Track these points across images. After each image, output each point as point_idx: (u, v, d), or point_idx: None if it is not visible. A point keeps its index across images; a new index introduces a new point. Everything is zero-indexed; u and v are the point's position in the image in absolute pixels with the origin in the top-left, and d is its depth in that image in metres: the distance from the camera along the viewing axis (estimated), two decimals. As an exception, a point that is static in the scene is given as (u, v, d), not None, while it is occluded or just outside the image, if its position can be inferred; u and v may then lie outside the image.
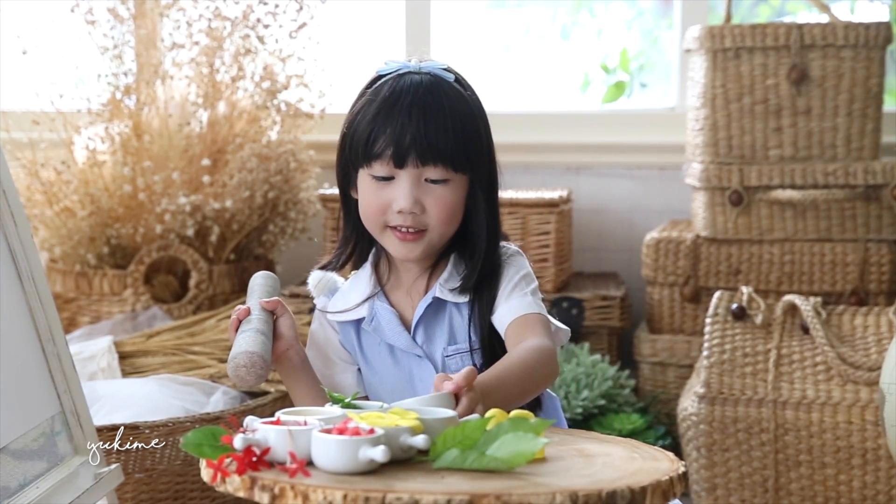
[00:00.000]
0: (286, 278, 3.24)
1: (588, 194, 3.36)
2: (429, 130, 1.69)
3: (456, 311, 1.78)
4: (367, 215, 1.75)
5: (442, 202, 1.72)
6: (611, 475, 1.35)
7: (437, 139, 1.70)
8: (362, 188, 1.75)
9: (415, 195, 1.71)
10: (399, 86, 1.73)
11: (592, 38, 3.60)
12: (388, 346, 1.78)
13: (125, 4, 2.96)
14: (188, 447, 1.37)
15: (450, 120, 1.71)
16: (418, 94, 1.71)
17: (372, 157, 1.70)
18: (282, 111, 3.05)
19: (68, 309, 2.97)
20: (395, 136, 1.69)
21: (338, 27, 3.37)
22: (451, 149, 1.70)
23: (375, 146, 1.70)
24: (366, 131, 1.71)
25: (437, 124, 1.70)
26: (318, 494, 1.26)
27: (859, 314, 2.62)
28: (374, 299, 1.79)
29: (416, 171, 1.71)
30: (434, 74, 1.75)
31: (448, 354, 1.76)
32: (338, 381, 1.80)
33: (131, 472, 2.26)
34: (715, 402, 2.54)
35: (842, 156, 2.90)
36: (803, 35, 2.87)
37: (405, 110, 1.70)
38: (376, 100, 1.72)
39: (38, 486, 1.72)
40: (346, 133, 1.75)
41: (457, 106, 1.73)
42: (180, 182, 2.90)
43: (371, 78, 1.78)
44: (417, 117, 1.69)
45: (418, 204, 1.71)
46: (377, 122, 1.70)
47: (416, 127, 1.69)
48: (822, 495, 2.51)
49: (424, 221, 1.73)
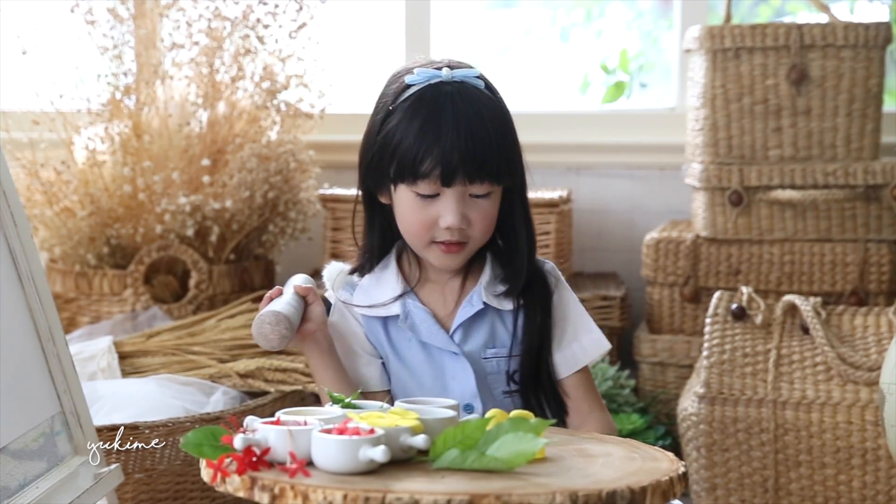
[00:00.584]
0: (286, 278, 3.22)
1: (588, 194, 3.36)
2: (476, 148, 1.69)
3: (497, 316, 1.80)
4: (412, 232, 1.75)
5: (485, 215, 1.74)
6: (611, 475, 1.35)
7: (484, 156, 1.70)
8: (404, 204, 1.74)
9: (462, 212, 1.72)
10: (439, 101, 1.71)
11: (592, 39, 3.60)
12: (419, 342, 1.78)
13: (125, 4, 2.96)
14: (188, 447, 1.37)
15: (492, 133, 1.71)
16: (460, 110, 1.70)
17: (418, 176, 1.69)
18: (282, 111, 3.05)
19: (68, 309, 2.97)
20: (442, 156, 1.68)
21: (338, 27, 3.37)
22: (496, 163, 1.71)
23: (423, 166, 1.69)
24: (411, 151, 1.69)
25: (482, 140, 1.70)
26: (318, 494, 1.26)
27: (859, 314, 2.62)
28: (405, 297, 1.79)
29: (463, 189, 1.71)
30: (467, 83, 1.74)
31: (486, 357, 1.78)
32: (363, 372, 1.80)
33: (131, 472, 2.26)
34: (715, 402, 2.54)
35: (842, 156, 2.90)
36: (803, 35, 2.87)
37: (451, 128, 1.68)
38: (417, 115, 1.70)
39: (38, 486, 1.72)
40: (383, 145, 1.73)
41: (494, 117, 1.73)
42: (180, 182, 2.90)
43: (398, 85, 1.75)
44: (465, 136, 1.68)
45: (465, 219, 1.72)
46: (423, 141, 1.69)
47: (463, 145, 1.68)
48: (821, 495, 2.51)
49: (468, 234, 1.74)
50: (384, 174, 1.74)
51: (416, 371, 1.78)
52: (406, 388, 1.79)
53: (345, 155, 3.34)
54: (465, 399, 1.75)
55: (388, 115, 1.74)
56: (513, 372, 1.79)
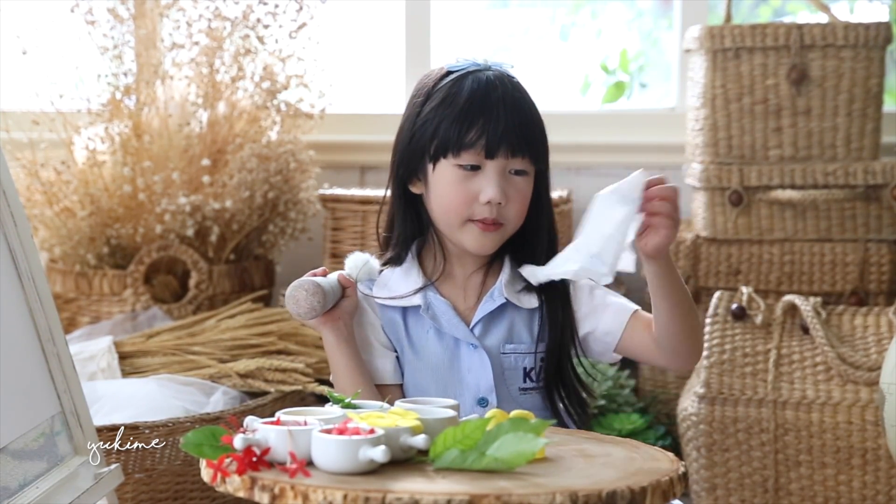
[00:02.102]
0: (286, 278, 3.23)
1: (588, 194, 3.31)
2: (520, 122, 1.76)
3: (517, 312, 1.82)
4: (449, 208, 1.78)
5: (522, 195, 1.78)
6: (611, 475, 1.35)
7: (527, 131, 1.76)
8: (443, 181, 1.77)
9: (503, 186, 1.75)
10: (483, 79, 1.77)
11: (592, 38, 3.60)
12: (436, 332, 1.80)
13: (125, 5, 2.96)
14: (188, 447, 1.37)
15: (534, 114, 1.79)
16: (507, 88, 1.77)
17: (463, 146, 1.74)
18: (282, 111, 3.05)
19: (68, 309, 2.97)
20: (488, 127, 1.74)
21: (338, 27, 3.37)
22: (536, 140, 1.78)
23: (468, 136, 1.74)
24: (457, 121, 1.74)
25: (526, 116, 1.77)
26: (318, 495, 1.26)
27: (859, 314, 2.62)
28: (426, 290, 1.81)
29: (504, 163, 1.76)
30: (504, 73, 1.81)
31: (504, 352, 1.80)
32: (377, 364, 1.81)
33: (131, 473, 2.26)
34: (715, 402, 2.54)
35: (842, 156, 2.90)
36: (803, 35, 2.87)
37: (498, 101, 1.75)
38: (461, 94, 1.76)
39: (38, 486, 1.72)
40: (422, 126, 1.78)
41: (531, 101, 1.80)
42: (180, 182, 2.90)
43: (438, 72, 1.82)
44: (510, 108, 1.75)
45: (504, 195, 1.76)
46: (469, 111, 1.75)
47: (509, 117, 1.75)
48: (821, 495, 2.51)
49: (505, 214, 1.77)
50: (423, 154, 1.78)
51: (431, 362, 1.79)
52: (420, 381, 1.80)
53: (345, 155, 3.35)
54: (481, 392, 1.77)
55: (428, 98, 1.79)
56: (530, 369, 1.80)
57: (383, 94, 3.49)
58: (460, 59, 1.81)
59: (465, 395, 1.77)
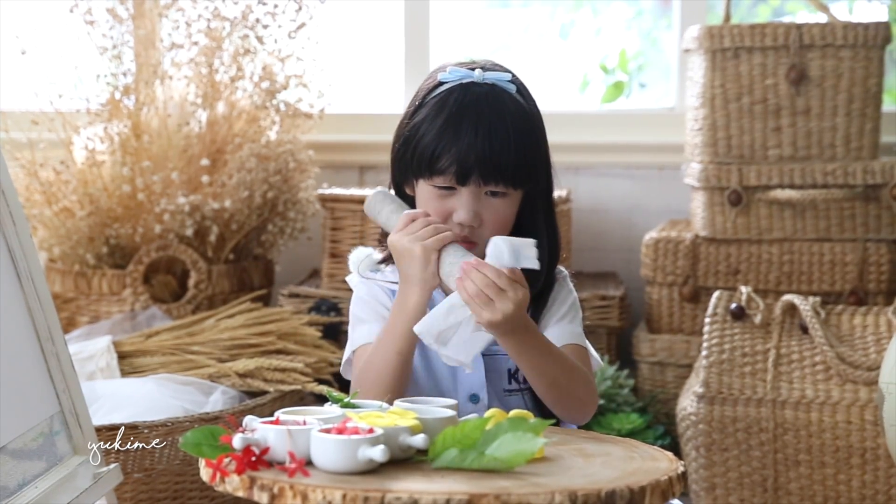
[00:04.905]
0: (285, 278, 3.24)
1: (587, 194, 3.36)
2: (493, 150, 1.72)
3: None
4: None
5: (498, 216, 1.77)
6: (610, 475, 1.35)
7: (501, 158, 1.72)
8: (422, 197, 1.78)
9: (475, 209, 1.75)
10: (465, 101, 1.75)
11: (591, 37, 3.60)
12: None
13: (124, 5, 2.96)
14: (187, 447, 1.37)
15: (513, 138, 1.73)
16: (483, 112, 1.73)
17: (435, 172, 1.74)
18: (281, 111, 3.05)
19: (67, 309, 2.97)
20: (459, 155, 1.72)
21: (337, 27, 3.37)
22: (512, 167, 1.74)
23: (439, 163, 1.73)
24: (430, 146, 1.74)
25: (501, 143, 1.72)
26: (317, 494, 1.26)
27: (858, 314, 2.62)
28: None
29: (478, 189, 1.74)
30: (498, 86, 1.77)
31: (488, 353, 1.79)
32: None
33: (130, 472, 2.26)
34: (714, 401, 2.54)
35: (841, 155, 2.90)
36: (802, 35, 2.87)
37: (471, 129, 1.72)
38: (442, 113, 1.74)
39: (38, 486, 1.72)
40: (408, 138, 1.77)
41: (519, 122, 1.75)
42: (179, 182, 2.90)
43: (431, 81, 1.80)
44: (483, 137, 1.72)
45: (478, 217, 1.75)
46: (443, 138, 1.73)
47: (480, 147, 1.72)
48: (821, 495, 2.51)
49: (479, 234, 1.76)
50: (407, 167, 1.78)
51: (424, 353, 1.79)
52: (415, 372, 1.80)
53: (344, 155, 3.35)
54: (473, 388, 1.78)
55: (416, 109, 1.79)
56: (515, 371, 1.80)
57: (382, 93, 3.49)
58: (451, 69, 1.79)
59: (457, 391, 1.78)
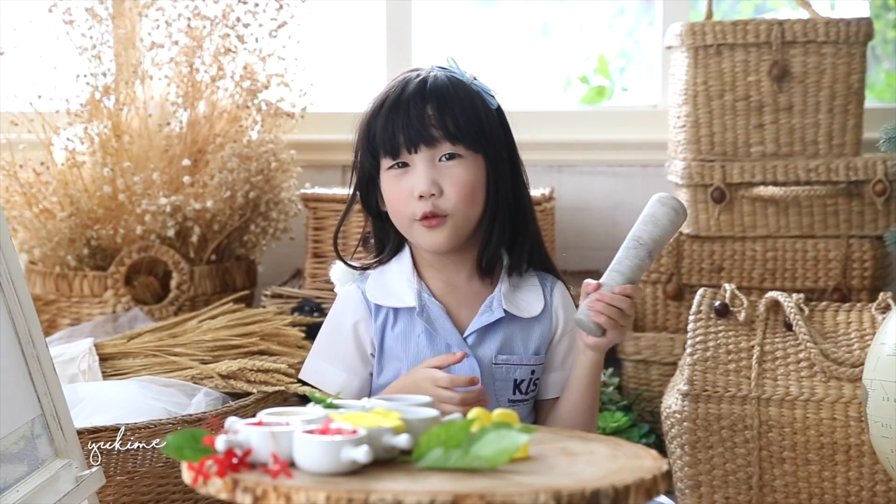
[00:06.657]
0: (267, 279, 3.22)
1: (570, 192, 3.36)
2: (437, 110, 1.75)
3: (515, 322, 1.82)
4: (395, 212, 1.79)
5: (457, 181, 1.76)
6: (594, 474, 1.35)
7: (445, 117, 1.75)
8: (386, 187, 1.79)
9: (432, 177, 1.75)
10: (403, 78, 1.80)
11: (574, 34, 3.60)
12: (428, 335, 1.80)
13: (103, 4, 2.95)
14: (169, 449, 1.36)
15: (455, 99, 1.77)
16: (424, 82, 1.77)
17: (388, 148, 1.76)
18: (262, 111, 3.04)
19: (48, 311, 2.96)
20: (405, 122, 1.74)
21: (318, 26, 3.36)
22: (458, 124, 1.76)
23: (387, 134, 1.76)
24: (380, 126, 1.77)
25: (443, 104, 1.76)
26: (300, 496, 1.25)
27: (842, 310, 2.62)
28: (421, 291, 1.81)
29: (430, 153, 1.75)
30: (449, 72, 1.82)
31: (497, 362, 1.79)
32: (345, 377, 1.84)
33: (113, 475, 2.25)
34: (698, 399, 2.54)
35: (823, 152, 2.91)
36: (784, 31, 2.87)
37: (412, 97, 1.76)
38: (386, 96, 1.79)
39: (19, 490, 1.71)
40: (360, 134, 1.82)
41: (460, 89, 1.79)
42: (160, 182, 2.89)
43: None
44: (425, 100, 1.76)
45: (436, 185, 1.75)
46: (389, 113, 1.77)
47: (422, 109, 1.75)
48: (805, 491, 2.51)
49: (443, 206, 1.75)
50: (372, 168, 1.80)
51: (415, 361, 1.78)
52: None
53: (326, 154, 3.34)
54: None
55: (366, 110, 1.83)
56: (520, 381, 1.79)
57: (364, 92, 3.48)
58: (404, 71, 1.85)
59: None
